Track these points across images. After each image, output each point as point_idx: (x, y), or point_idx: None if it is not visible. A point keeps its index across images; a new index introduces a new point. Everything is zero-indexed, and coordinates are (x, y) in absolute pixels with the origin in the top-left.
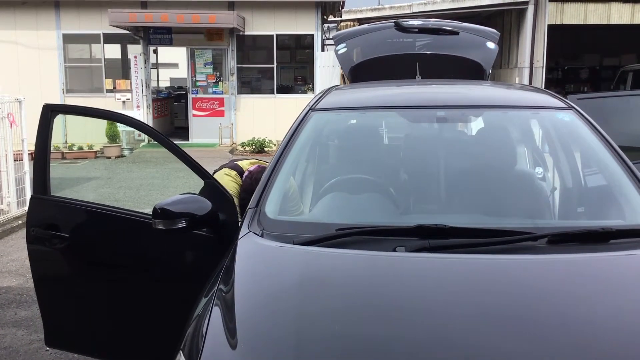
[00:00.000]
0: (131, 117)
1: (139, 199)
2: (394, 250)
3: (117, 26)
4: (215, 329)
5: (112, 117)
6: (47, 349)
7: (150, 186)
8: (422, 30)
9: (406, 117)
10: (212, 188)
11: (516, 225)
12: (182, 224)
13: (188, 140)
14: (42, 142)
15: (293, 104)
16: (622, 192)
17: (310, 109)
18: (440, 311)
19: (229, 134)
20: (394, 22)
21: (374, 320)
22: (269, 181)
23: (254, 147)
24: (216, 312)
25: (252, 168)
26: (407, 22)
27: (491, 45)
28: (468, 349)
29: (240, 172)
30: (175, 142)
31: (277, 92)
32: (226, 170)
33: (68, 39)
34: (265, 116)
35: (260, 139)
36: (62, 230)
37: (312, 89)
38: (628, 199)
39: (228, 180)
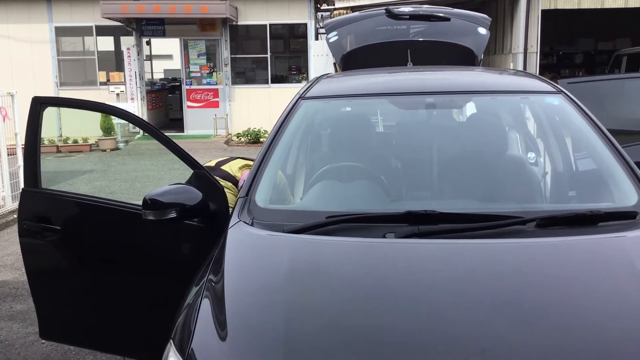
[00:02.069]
0: (119, 108)
1: (135, 191)
2: (384, 237)
3: (109, 18)
4: (205, 319)
5: (100, 108)
6: (43, 341)
7: (146, 178)
8: (413, 17)
9: (396, 104)
10: (201, 178)
11: (506, 209)
12: (173, 215)
13: (183, 132)
14: (32, 134)
15: (288, 94)
16: (610, 175)
17: (299, 98)
18: (429, 297)
19: (224, 125)
20: (385, 9)
21: (364, 308)
22: (259, 170)
23: (249, 137)
24: (206, 302)
25: (244, 176)
26: (398, 9)
27: (482, 30)
28: (460, 334)
29: (234, 182)
30: (170, 134)
31: (272, 82)
32: (220, 181)
33: (60, 31)
34: (260, 106)
35: (256, 130)
36: (53, 222)
37: (307, 78)
38: (616, 182)
39: (227, 193)
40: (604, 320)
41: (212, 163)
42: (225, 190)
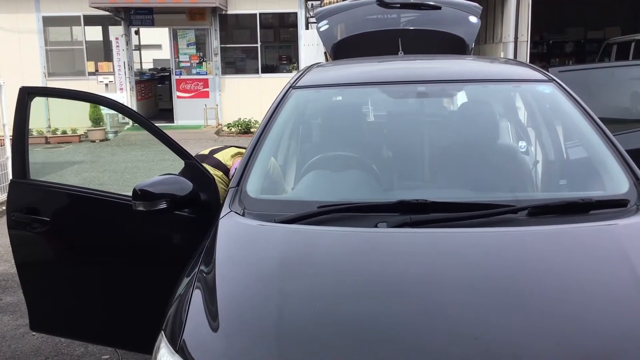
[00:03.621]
0: (108, 98)
1: (124, 182)
2: (376, 227)
3: (97, 7)
4: (196, 309)
5: (89, 98)
6: (33, 333)
7: (136, 169)
8: (404, 5)
9: (387, 93)
10: (193, 168)
11: (497, 198)
12: (163, 205)
13: (173, 122)
14: (19, 125)
15: (278, 84)
16: (602, 163)
17: (290, 87)
18: (421, 285)
19: (214, 115)
20: None
21: (356, 297)
22: (250, 160)
23: (239, 128)
24: (197, 293)
25: (236, 164)
26: None
27: (473, 19)
28: (452, 322)
29: (225, 170)
30: (160, 125)
31: (262, 72)
32: (211, 169)
33: (48, 21)
34: (251, 96)
35: (246, 120)
36: (42, 214)
37: (297, 68)
38: (608, 170)
39: (217, 182)
40: (596, 307)
41: (206, 151)
42: (215, 178)
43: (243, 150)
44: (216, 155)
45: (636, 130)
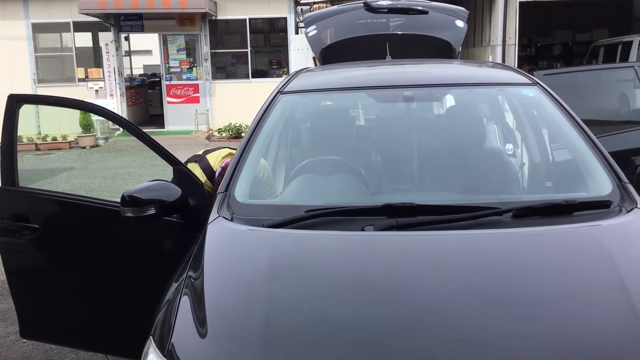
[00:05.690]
0: (95, 105)
1: (115, 189)
2: (363, 230)
3: (86, 14)
4: (184, 315)
5: (76, 105)
6: (24, 341)
7: (126, 175)
8: (392, 10)
9: (375, 98)
10: (181, 174)
11: (483, 200)
12: (152, 211)
13: (164, 128)
14: (8, 133)
15: (269, 88)
16: (585, 165)
17: (278, 92)
18: (407, 288)
19: (205, 120)
20: (363, 2)
21: (343, 301)
22: (238, 165)
23: (230, 132)
24: (185, 299)
25: (223, 164)
26: (377, 3)
27: (460, 23)
28: (438, 325)
29: (211, 175)
30: (150, 130)
31: (252, 77)
32: (199, 171)
33: (37, 28)
34: (241, 101)
35: (237, 125)
36: (31, 221)
37: (287, 73)
38: (591, 171)
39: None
40: (579, 308)
41: (201, 152)
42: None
43: (234, 149)
44: (208, 156)
45: (624, 131)
